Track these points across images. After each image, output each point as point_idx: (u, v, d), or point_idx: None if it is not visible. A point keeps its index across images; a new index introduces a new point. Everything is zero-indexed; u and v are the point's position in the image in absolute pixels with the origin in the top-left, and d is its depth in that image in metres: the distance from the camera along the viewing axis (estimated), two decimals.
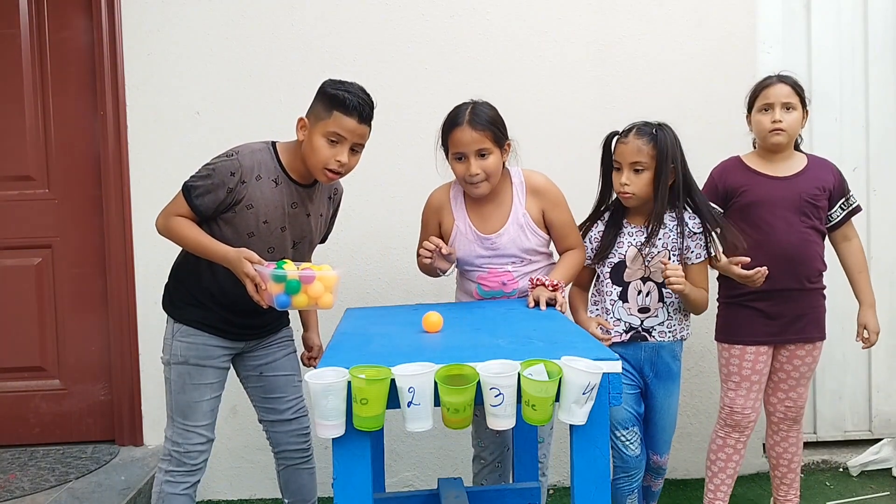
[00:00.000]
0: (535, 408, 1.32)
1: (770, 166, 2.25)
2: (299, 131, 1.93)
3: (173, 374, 1.96)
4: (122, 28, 2.73)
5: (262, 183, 1.90)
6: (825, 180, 2.24)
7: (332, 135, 1.86)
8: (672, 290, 2.04)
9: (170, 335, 1.98)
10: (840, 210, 2.27)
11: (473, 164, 2.00)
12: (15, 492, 2.39)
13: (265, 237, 1.93)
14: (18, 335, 2.83)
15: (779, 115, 2.18)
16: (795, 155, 2.28)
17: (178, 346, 1.95)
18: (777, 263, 2.17)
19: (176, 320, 1.98)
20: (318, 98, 1.91)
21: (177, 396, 1.96)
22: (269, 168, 1.92)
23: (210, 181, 1.87)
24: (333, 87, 1.88)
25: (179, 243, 1.95)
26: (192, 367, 1.95)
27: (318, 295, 1.79)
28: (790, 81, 2.21)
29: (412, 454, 2.84)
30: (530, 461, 2.15)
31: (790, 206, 2.20)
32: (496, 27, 2.79)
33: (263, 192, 1.90)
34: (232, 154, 1.90)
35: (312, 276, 1.78)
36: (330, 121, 1.86)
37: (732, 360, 2.26)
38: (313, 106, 1.92)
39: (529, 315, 1.91)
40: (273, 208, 1.92)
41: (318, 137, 1.87)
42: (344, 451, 1.36)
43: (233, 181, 1.87)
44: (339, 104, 1.86)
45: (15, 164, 2.81)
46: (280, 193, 1.93)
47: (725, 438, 2.28)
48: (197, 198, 1.88)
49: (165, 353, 1.99)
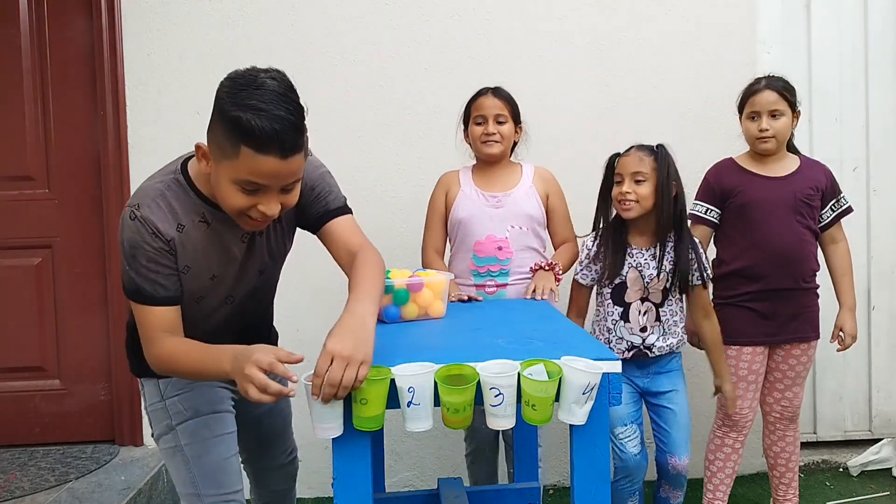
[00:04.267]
0: (535, 408, 1.32)
1: (764, 167, 2.26)
2: (201, 159, 1.37)
3: (184, 437, 1.56)
4: (122, 28, 2.73)
5: (187, 233, 1.42)
6: (818, 180, 2.25)
7: (246, 183, 1.30)
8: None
9: (157, 398, 1.58)
10: (830, 211, 2.28)
11: (491, 125, 2.21)
12: (15, 492, 2.39)
13: (218, 291, 1.52)
14: (18, 335, 2.83)
15: (765, 124, 2.19)
16: (788, 156, 2.29)
17: (177, 402, 1.57)
18: (773, 263, 2.19)
19: (160, 378, 1.57)
20: (218, 118, 1.30)
21: (200, 462, 1.55)
22: (188, 208, 1.43)
23: (138, 266, 1.39)
24: (236, 106, 1.24)
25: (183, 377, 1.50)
26: (207, 417, 1.57)
27: (427, 303, 1.75)
28: (778, 87, 2.20)
29: (412, 454, 2.84)
30: (530, 461, 2.15)
31: (786, 206, 2.21)
32: (497, 27, 2.79)
33: (196, 244, 1.44)
34: (132, 216, 1.38)
35: (421, 283, 1.72)
36: (238, 162, 1.27)
37: (729, 361, 2.26)
38: (213, 128, 1.32)
39: (529, 315, 1.91)
40: (218, 256, 1.47)
41: (224, 182, 1.31)
42: (344, 452, 1.36)
43: (159, 242, 1.39)
44: (246, 137, 1.25)
45: (15, 164, 2.81)
46: (216, 233, 1.46)
47: (723, 438, 2.28)
48: (153, 294, 1.40)
49: (160, 422, 1.58)
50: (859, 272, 2.95)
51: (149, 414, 1.62)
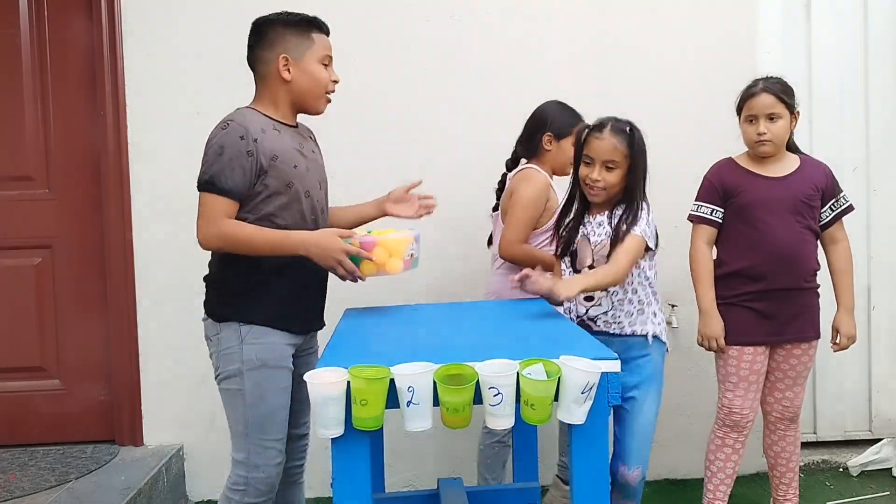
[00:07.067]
0: (534, 407, 1.32)
1: (764, 167, 2.26)
2: (283, 71, 1.83)
3: (248, 383, 1.76)
4: (122, 28, 2.73)
5: (267, 135, 1.79)
6: (818, 180, 2.24)
7: (325, 58, 1.86)
8: None
9: (235, 341, 1.78)
10: (829, 211, 2.27)
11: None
12: (15, 492, 2.39)
13: (300, 182, 1.83)
14: (18, 335, 2.83)
15: (763, 128, 2.19)
16: (788, 156, 2.28)
17: (252, 350, 1.77)
18: (773, 263, 2.18)
19: (242, 322, 1.78)
20: (283, 32, 1.83)
21: (254, 408, 1.76)
22: (263, 121, 1.82)
23: (225, 158, 1.73)
24: (292, 16, 1.85)
25: (244, 249, 1.75)
26: (270, 371, 1.78)
27: (382, 261, 1.79)
28: (774, 90, 2.19)
29: (412, 454, 2.84)
30: (530, 461, 2.15)
31: (786, 207, 2.20)
32: (497, 28, 2.79)
33: (274, 141, 1.80)
34: (226, 125, 1.78)
35: (373, 241, 1.78)
36: (317, 45, 1.85)
37: (730, 361, 2.26)
38: (283, 41, 1.83)
39: (529, 315, 1.91)
40: (291, 152, 1.83)
41: (313, 65, 1.85)
42: (344, 451, 1.36)
43: (246, 144, 1.74)
44: (312, 26, 1.86)
45: (15, 164, 2.81)
46: (286, 138, 1.85)
47: (724, 438, 2.28)
48: (226, 182, 1.72)
49: (231, 364, 1.78)
50: (859, 272, 2.94)
51: (220, 355, 1.81)
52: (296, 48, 1.83)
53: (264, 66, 1.86)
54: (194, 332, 2.86)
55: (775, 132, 2.19)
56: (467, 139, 2.80)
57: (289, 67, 1.83)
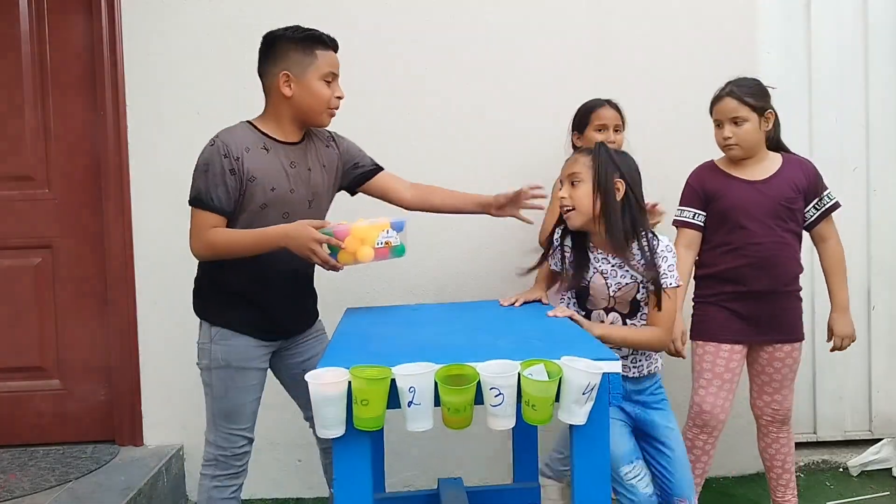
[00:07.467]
0: (535, 408, 1.32)
1: (743, 170, 2.24)
2: (284, 87, 1.87)
3: (214, 378, 1.92)
4: (122, 28, 2.73)
5: (252, 154, 1.84)
6: (798, 181, 2.22)
7: (328, 74, 1.89)
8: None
9: (207, 339, 1.94)
10: (813, 210, 2.25)
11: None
12: (15, 492, 2.39)
13: (277, 205, 1.87)
14: (18, 335, 2.83)
15: (727, 132, 2.18)
16: (769, 156, 2.25)
17: (218, 350, 1.91)
18: (752, 268, 2.17)
19: (212, 324, 1.93)
20: (286, 48, 1.87)
21: (219, 401, 1.92)
22: (253, 139, 1.87)
23: (208, 175, 1.81)
24: (297, 32, 1.88)
25: (229, 253, 1.85)
26: (234, 371, 1.91)
27: (354, 249, 1.79)
28: (738, 94, 2.17)
29: (412, 454, 2.84)
30: (530, 461, 2.15)
31: (765, 211, 2.18)
32: (496, 28, 2.79)
33: (258, 162, 1.85)
34: (212, 141, 1.85)
35: (346, 230, 1.79)
36: (320, 62, 1.87)
37: (706, 357, 2.24)
38: (286, 57, 1.87)
39: (529, 315, 1.91)
40: (275, 173, 1.87)
41: (315, 82, 1.87)
42: (344, 451, 1.36)
43: (228, 162, 1.81)
44: (317, 42, 1.88)
45: (15, 164, 2.81)
46: (274, 157, 1.88)
47: (693, 440, 2.26)
48: (212, 198, 1.81)
49: (203, 358, 1.94)
50: (859, 272, 2.96)
51: (198, 347, 1.97)
52: (297, 65, 1.86)
53: (269, 80, 1.91)
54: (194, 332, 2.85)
55: (741, 136, 2.17)
56: (465, 139, 2.80)
57: (290, 84, 1.87)
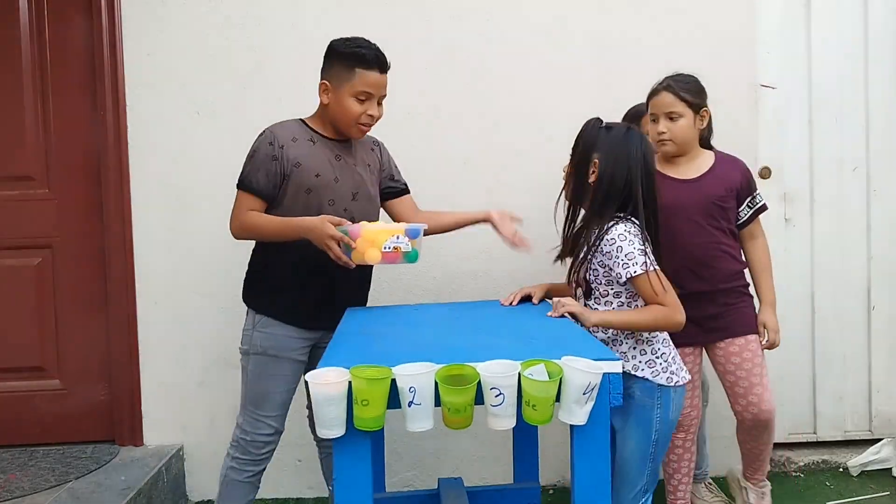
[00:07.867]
0: (536, 408, 1.32)
1: (675, 169, 2.22)
2: (322, 95, 2.00)
3: (251, 363, 2.02)
4: (122, 28, 2.73)
5: (299, 143, 1.98)
6: (732, 180, 2.21)
7: (361, 94, 1.95)
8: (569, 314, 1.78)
9: (250, 326, 2.04)
10: (747, 209, 2.25)
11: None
12: (15, 492, 2.39)
13: (322, 191, 1.98)
14: (18, 335, 2.83)
15: (662, 127, 2.17)
16: (702, 154, 2.24)
17: (258, 337, 2.01)
18: (685, 268, 2.13)
19: (256, 311, 2.04)
20: (333, 59, 1.99)
21: (252, 386, 2.02)
22: (302, 132, 2.01)
23: (254, 160, 1.96)
24: (347, 46, 1.96)
25: (258, 235, 2.00)
26: (269, 358, 2.00)
27: (363, 250, 1.84)
28: (675, 89, 2.16)
29: (412, 454, 2.84)
30: (531, 461, 2.15)
31: (697, 210, 2.17)
32: (497, 28, 2.79)
33: (305, 151, 1.98)
34: (263, 131, 2.00)
35: (358, 230, 1.83)
36: (356, 80, 1.94)
37: None
38: (330, 68, 1.99)
39: (530, 315, 1.91)
40: (320, 161, 1.99)
41: (346, 98, 1.96)
42: (344, 451, 1.36)
43: (273, 150, 1.94)
44: (359, 61, 1.94)
45: (15, 164, 2.81)
46: (320, 149, 2.01)
47: (672, 440, 2.24)
48: (252, 181, 1.95)
49: (245, 344, 2.05)
50: (859, 272, 2.96)
51: (242, 332, 2.07)
52: (336, 77, 1.97)
53: (319, 84, 2.03)
54: (194, 332, 2.87)
55: (675, 132, 2.16)
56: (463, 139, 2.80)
57: (327, 93, 2.00)
